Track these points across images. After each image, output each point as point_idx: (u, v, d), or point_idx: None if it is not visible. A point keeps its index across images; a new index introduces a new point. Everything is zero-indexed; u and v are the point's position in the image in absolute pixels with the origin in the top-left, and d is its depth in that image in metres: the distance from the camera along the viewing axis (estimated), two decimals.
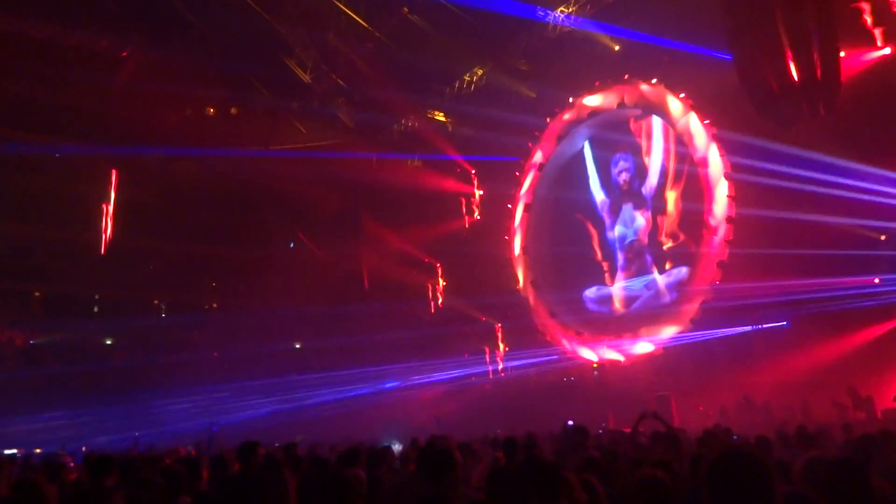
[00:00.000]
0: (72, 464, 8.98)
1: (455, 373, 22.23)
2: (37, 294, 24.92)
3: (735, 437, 7.75)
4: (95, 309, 26.29)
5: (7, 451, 14.48)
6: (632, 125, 19.88)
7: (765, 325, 15.76)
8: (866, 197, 13.71)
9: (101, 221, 21.58)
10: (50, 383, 22.12)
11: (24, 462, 9.52)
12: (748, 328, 15.99)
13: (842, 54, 13.45)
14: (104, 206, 21.53)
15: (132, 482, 3.81)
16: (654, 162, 19.17)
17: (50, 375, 22.54)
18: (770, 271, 14.89)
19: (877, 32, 14.03)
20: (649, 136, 19.44)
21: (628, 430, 10.39)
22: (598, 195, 20.73)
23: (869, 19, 14.00)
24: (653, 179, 19.17)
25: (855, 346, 14.14)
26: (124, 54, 19.37)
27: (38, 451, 14.13)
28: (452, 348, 22.53)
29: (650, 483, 3.57)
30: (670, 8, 16.63)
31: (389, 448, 8.13)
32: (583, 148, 21.45)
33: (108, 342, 25.48)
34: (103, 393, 21.53)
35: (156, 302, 27.02)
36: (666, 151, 18.89)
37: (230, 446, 9.61)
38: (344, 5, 17.92)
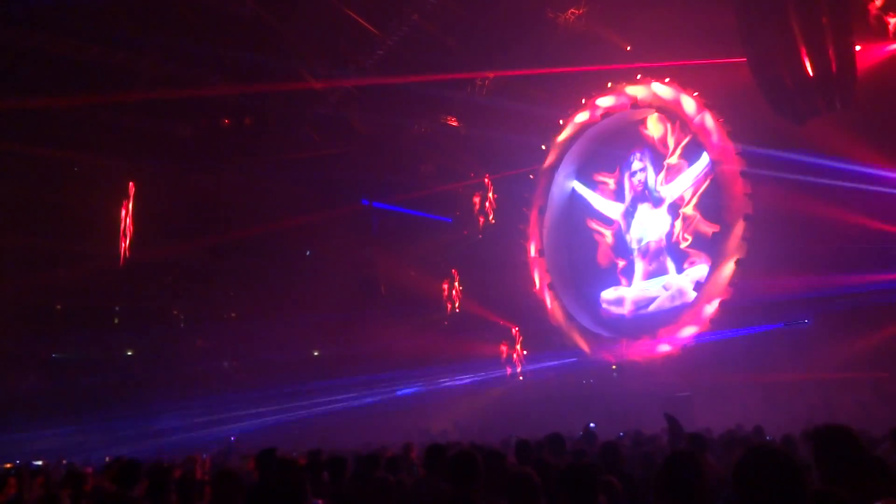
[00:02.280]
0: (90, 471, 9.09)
1: (473, 377, 22.21)
2: (58, 307, 25.23)
3: (768, 438, 7.66)
4: (116, 321, 26.55)
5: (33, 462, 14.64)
6: (646, 125, 19.81)
7: (786, 324, 15.56)
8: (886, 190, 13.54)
9: (120, 233, 21.81)
10: (72, 395, 22.38)
11: (49, 472, 9.62)
12: (769, 327, 15.81)
13: (857, 48, 13.31)
14: (122, 218, 21.75)
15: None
16: (670, 161, 19.08)
17: (72, 387, 22.81)
18: (790, 268, 14.74)
19: (892, 22, 13.86)
20: (663, 136, 19.36)
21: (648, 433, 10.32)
22: (609, 209, 20.70)
23: (881, 10, 13.84)
24: (668, 179, 19.08)
25: (879, 343, 13.94)
26: (139, 68, 19.60)
27: (64, 461, 14.29)
28: (470, 352, 22.50)
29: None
30: (681, 6, 16.55)
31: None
32: (598, 149, 21.39)
33: (129, 353, 25.73)
34: (124, 404, 21.75)
35: (175, 312, 27.24)
36: (680, 151, 18.79)
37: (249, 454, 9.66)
38: (354, 13, 18.02)
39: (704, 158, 17.81)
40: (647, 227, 19.54)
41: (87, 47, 18.47)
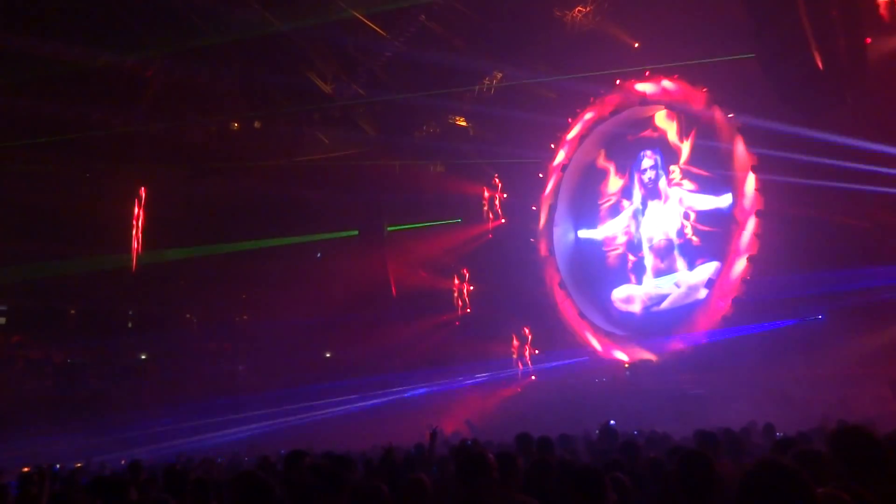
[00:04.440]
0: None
1: (485, 376, 22.18)
2: (72, 312, 25.47)
3: (779, 435, 7.60)
4: (129, 325, 26.77)
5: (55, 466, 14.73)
6: (655, 122, 19.73)
7: (799, 320, 15.44)
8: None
9: (132, 238, 21.98)
10: (87, 399, 22.58)
11: (70, 477, 9.71)
12: (783, 323, 15.69)
13: (867, 40, 13.19)
14: (134, 223, 21.92)
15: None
16: (680, 158, 18.97)
17: (87, 391, 23.01)
18: (803, 264, 14.63)
19: None
20: (673, 132, 19.25)
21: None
22: (617, 226, 20.61)
23: (891, 1, 13.70)
24: (679, 176, 18.98)
25: (894, 338, 13.79)
26: (149, 73, 19.75)
27: (78, 465, 14.38)
28: (482, 352, 22.48)
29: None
30: (689, 1, 16.47)
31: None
32: (608, 146, 21.31)
33: (143, 357, 25.92)
34: (139, 407, 21.91)
35: (188, 316, 27.42)
36: (691, 147, 18.69)
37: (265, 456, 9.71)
38: (361, 15, 18.06)
39: (728, 198, 17.41)
40: (657, 224, 19.45)
41: (98, 53, 18.64)
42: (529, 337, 21.88)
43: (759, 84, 14.44)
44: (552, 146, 21.92)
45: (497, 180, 23.84)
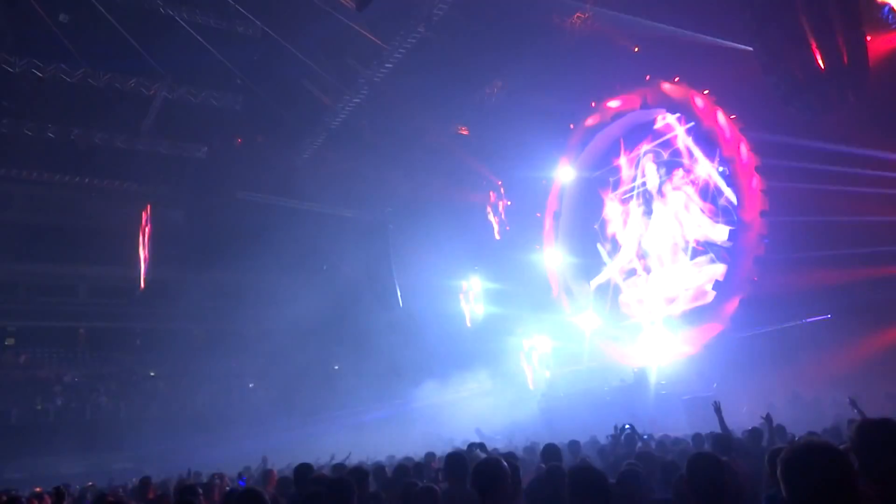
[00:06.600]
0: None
1: (493, 384, 22.11)
2: (81, 330, 25.54)
3: (791, 435, 7.56)
4: (138, 342, 26.82)
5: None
6: (658, 125, 19.72)
7: (807, 320, 15.36)
8: None
9: (139, 256, 22.07)
10: (97, 417, 22.61)
11: (81, 495, 9.73)
12: (790, 323, 15.62)
13: (867, 38, 13.19)
14: (141, 241, 22.02)
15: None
16: (684, 161, 18.96)
17: (97, 409, 23.04)
18: (809, 263, 14.57)
19: None
20: (675, 135, 19.25)
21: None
22: (630, 244, 20.59)
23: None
24: (683, 178, 18.95)
25: None
26: (152, 92, 19.90)
27: (90, 484, 14.38)
28: (490, 359, 22.43)
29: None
30: (689, 4, 16.49)
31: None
32: (610, 152, 21.32)
33: (152, 374, 25.94)
34: (149, 424, 21.92)
35: (196, 333, 27.44)
36: (694, 149, 18.67)
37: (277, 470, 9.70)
38: (361, 27, 18.16)
39: (725, 231, 17.44)
40: (664, 227, 19.42)
41: (101, 74, 18.81)
42: (537, 342, 21.84)
43: (762, 85, 14.43)
44: (555, 153, 21.93)
45: (501, 188, 23.87)
